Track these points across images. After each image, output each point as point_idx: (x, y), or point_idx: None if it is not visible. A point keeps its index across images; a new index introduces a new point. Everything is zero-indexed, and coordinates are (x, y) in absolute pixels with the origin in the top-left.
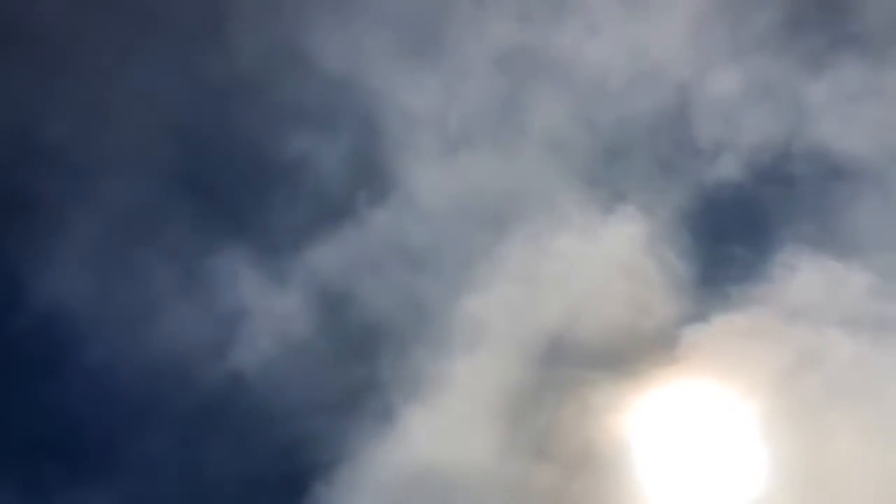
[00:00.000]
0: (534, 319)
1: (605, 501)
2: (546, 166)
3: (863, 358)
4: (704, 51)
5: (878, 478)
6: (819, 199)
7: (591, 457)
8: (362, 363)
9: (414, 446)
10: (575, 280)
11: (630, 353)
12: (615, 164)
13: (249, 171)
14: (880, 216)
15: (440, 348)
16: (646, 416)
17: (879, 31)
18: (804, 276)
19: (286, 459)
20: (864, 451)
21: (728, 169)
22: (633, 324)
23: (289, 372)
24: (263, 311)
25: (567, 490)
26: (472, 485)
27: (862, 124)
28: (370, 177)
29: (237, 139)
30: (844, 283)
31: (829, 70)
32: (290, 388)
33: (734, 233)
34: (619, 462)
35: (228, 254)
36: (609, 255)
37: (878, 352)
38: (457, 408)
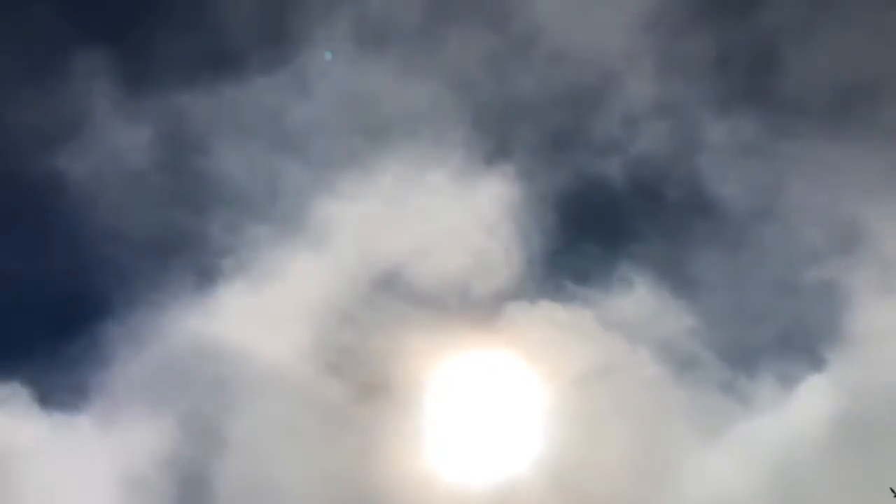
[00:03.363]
0: (381, 241)
1: (383, 433)
2: (446, 100)
3: (658, 384)
4: (638, 53)
5: (627, 486)
6: (681, 231)
7: (385, 389)
8: (193, 215)
9: (220, 318)
10: (434, 219)
11: (456, 308)
12: (513, 122)
13: None
14: (725, 267)
15: (282, 235)
16: (448, 369)
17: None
18: (638, 295)
19: (79, 281)
20: (624, 462)
21: (613, 170)
22: (470, 281)
23: (115, 194)
24: (109, 127)
25: (352, 412)
26: (261, 378)
27: (743, 177)
28: (272, 38)
29: None
30: (670, 315)
31: (731, 117)
32: (109, 210)
33: (595, 232)
34: (409, 402)
35: (94, 58)
36: (473, 207)
37: (669, 383)
38: (277, 299)
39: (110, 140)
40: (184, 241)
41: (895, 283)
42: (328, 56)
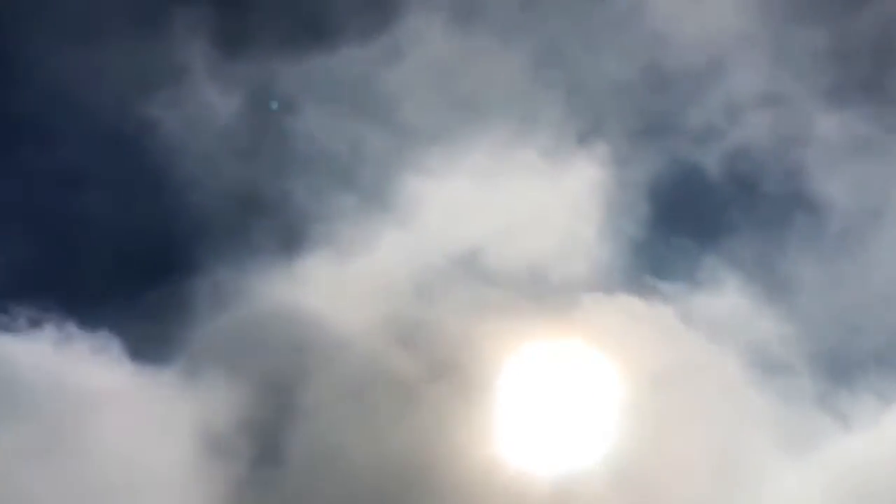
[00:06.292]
0: (465, 221)
1: (449, 412)
2: (539, 75)
3: (742, 390)
4: (747, 38)
5: (697, 493)
6: (780, 228)
7: (455, 369)
8: (279, 177)
9: (302, 284)
10: (520, 199)
11: (533, 294)
12: (607, 103)
13: None
14: (826, 270)
15: (366, 207)
16: (520, 355)
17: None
18: (726, 294)
19: (167, 232)
20: (697, 467)
21: (710, 160)
22: (549, 267)
23: (205, 147)
24: (203, 83)
25: (420, 388)
26: (336, 346)
27: (852, 174)
28: (370, 3)
29: None
30: (760, 318)
31: (843, 111)
32: (198, 162)
33: (685, 224)
34: (478, 384)
35: (194, 18)
36: (561, 190)
37: (754, 389)
38: (357, 270)
39: (203, 95)
40: (269, 202)
41: None
42: None
